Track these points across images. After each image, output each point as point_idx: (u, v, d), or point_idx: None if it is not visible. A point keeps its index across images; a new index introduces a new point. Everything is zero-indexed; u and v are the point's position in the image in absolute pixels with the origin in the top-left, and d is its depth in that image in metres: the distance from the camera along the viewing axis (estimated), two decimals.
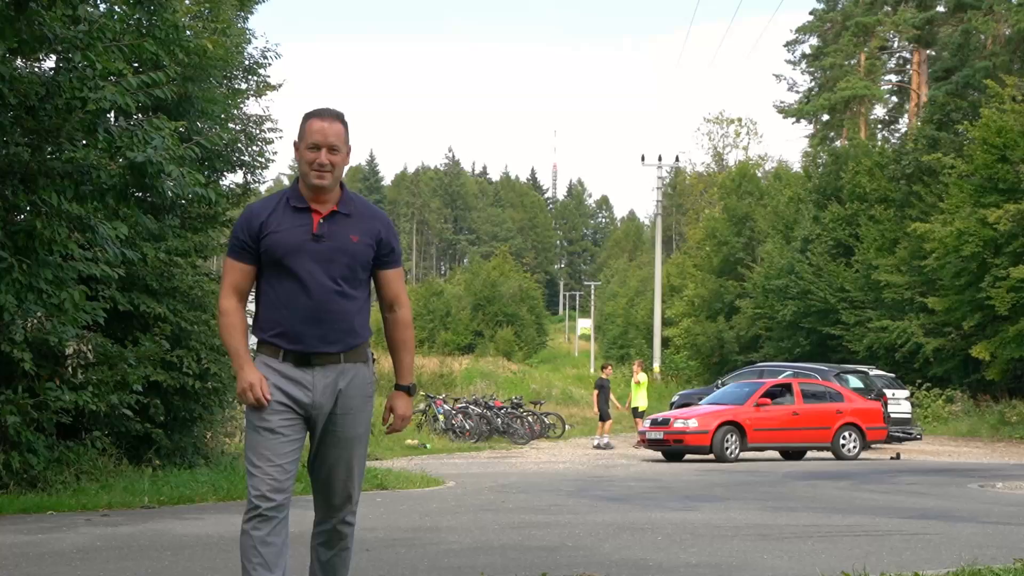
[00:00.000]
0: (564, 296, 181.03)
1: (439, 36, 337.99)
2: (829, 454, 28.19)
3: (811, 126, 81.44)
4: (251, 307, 5.94)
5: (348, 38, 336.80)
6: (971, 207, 40.75)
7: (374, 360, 5.96)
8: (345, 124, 5.75)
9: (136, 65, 14.71)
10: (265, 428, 5.58)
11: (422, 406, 36.50)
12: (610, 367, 36.94)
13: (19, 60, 13.21)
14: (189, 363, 17.92)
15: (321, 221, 5.62)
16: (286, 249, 5.57)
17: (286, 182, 53.04)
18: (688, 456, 27.46)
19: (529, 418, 37.70)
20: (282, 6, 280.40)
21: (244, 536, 5.58)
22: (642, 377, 35.88)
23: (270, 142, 22.57)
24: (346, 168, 5.79)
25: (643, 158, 66.57)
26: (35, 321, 14.29)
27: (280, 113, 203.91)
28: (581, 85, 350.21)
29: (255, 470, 5.56)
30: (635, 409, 35.50)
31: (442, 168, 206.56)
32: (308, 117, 5.73)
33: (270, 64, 22.96)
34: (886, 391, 34.00)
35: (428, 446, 31.59)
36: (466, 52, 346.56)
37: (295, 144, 5.75)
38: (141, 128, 12.90)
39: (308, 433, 5.77)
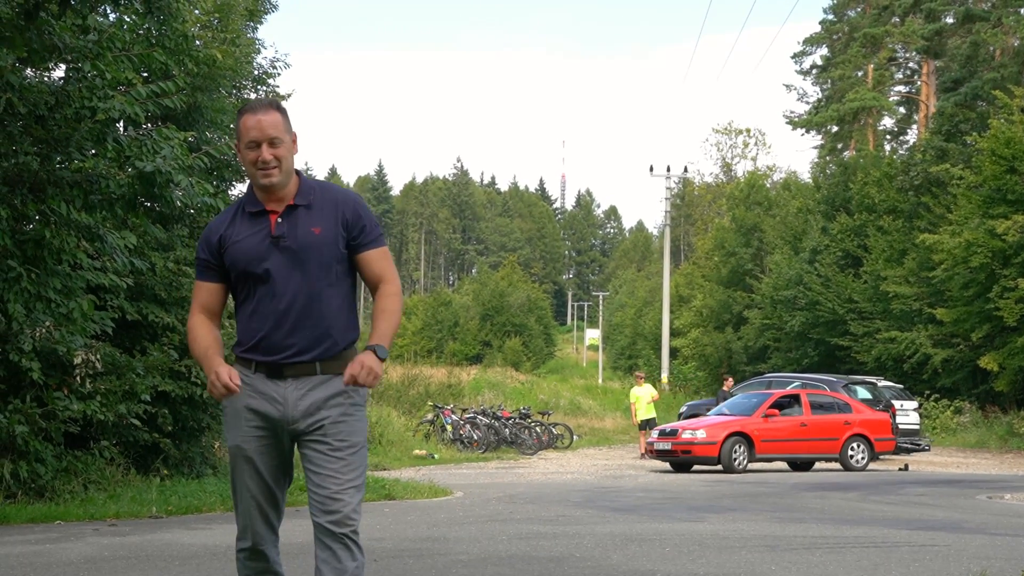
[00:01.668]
0: (572, 306, 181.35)
1: (448, 46, 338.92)
2: (837, 465, 28.16)
3: (820, 137, 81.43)
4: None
5: (357, 48, 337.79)
6: (979, 218, 40.73)
7: None
8: (282, 111, 5.29)
9: (145, 75, 14.75)
10: (243, 456, 5.27)
11: (430, 416, 36.49)
12: (731, 380, 35.07)
13: (29, 69, 13.24)
14: (197, 373, 17.92)
15: (278, 220, 5.22)
16: (248, 259, 5.20)
17: None
18: (696, 467, 27.42)
19: (537, 428, 37.68)
20: (291, 17, 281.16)
21: (239, 563, 5.45)
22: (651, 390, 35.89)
23: None
24: (295, 157, 5.33)
25: (651, 168, 66.74)
26: (43, 330, 14.31)
27: None
28: (590, 95, 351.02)
29: (239, 502, 5.34)
30: (645, 420, 35.24)
31: (451, 178, 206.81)
32: (241, 113, 5.27)
33: (279, 74, 23.04)
34: (894, 402, 33.98)
35: (436, 456, 31.56)
36: (474, 62, 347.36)
37: (236, 146, 5.31)
38: (150, 138, 12.93)
39: (294, 448, 5.38)
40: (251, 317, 5.24)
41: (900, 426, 31.99)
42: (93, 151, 13.31)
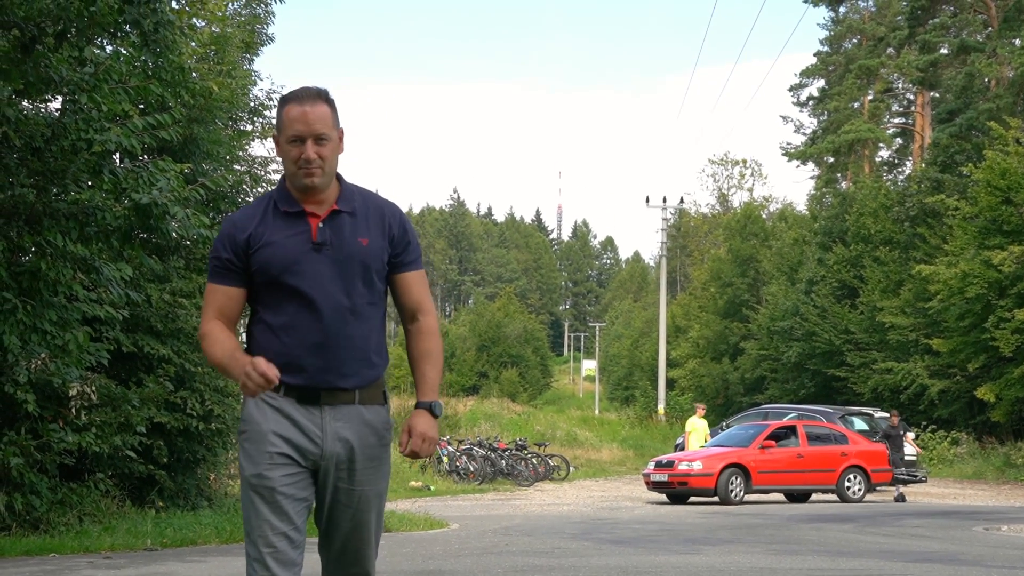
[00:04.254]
0: (569, 337, 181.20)
1: (444, 77, 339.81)
2: (834, 496, 28.11)
3: (816, 168, 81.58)
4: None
5: (352, 80, 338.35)
6: (975, 249, 40.74)
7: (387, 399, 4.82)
8: (331, 103, 4.61)
9: (142, 107, 14.78)
10: (265, 487, 4.48)
11: None
12: (897, 415, 32.18)
13: (25, 102, 13.26)
14: (193, 404, 17.92)
15: (320, 225, 4.55)
16: (283, 264, 4.50)
17: None
18: (693, 498, 27.38)
19: (533, 460, 37.62)
20: (287, 49, 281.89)
21: None
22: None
23: (275, 184, 22.62)
24: (340, 156, 4.69)
25: (648, 199, 66.84)
26: (39, 362, 14.29)
27: None
28: (586, 126, 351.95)
29: (258, 542, 4.48)
30: None
31: (447, 209, 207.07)
32: (284, 102, 4.60)
33: (275, 106, 23.08)
34: None
35: (432, 488, 31.51)
36: (471, 93, 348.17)
37: (275, 137, 4.65)
38: (146, 170, 12.94)
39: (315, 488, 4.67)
40: (282, 332, 4.53)
41: None
42: (89, 183, 13.33)
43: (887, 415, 37.81)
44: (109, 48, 14.17)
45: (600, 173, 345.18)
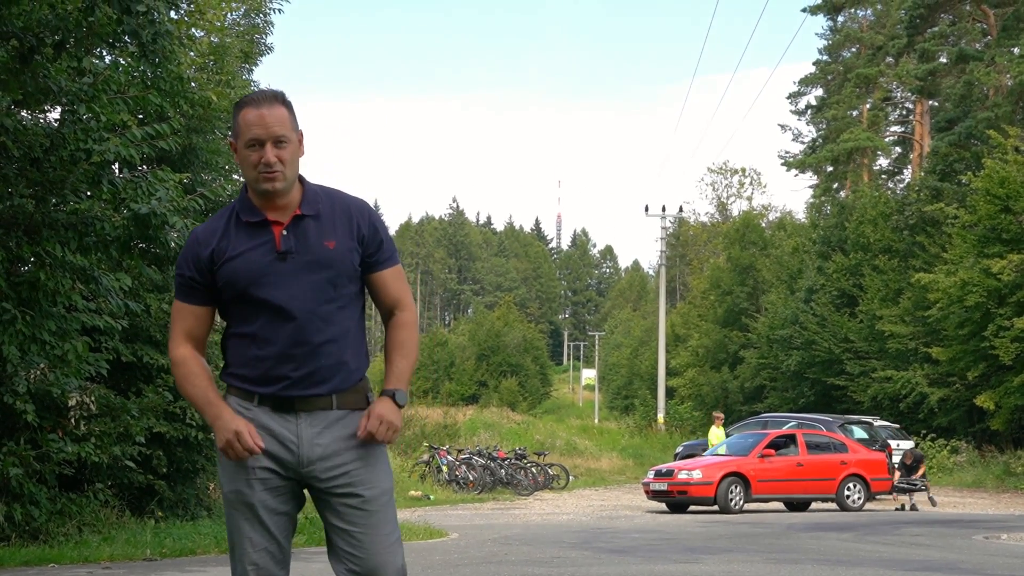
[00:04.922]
0: (568, 346, 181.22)
1: (442, 86, 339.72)
2: (834, 505, 28.11)
3: (815, 176, 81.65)
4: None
5: (350, 89, 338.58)
6: (974, 257, 40.76)
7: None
8: (288, 105, 4.51)
9: (141, 117, 14.79)
10: (244, 503, 4.46)
11: (426, 457, 36.45)
12: (911, 453, 31.06)
13: (24, 112, 13.27)
14: (192, 414, 17.91)
15: (284, 233, 4.44)
16: (249, 278, 4.40)
17: None
18: (692, 507, 27.37)
19: (533, 469, 37.62)
20: (286, 59, 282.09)
21: None
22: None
23: None
24: (301, 159, 4.57)
25: (647, 208, 66.86)
26: (38, 372, 14.29)
27: None
28: (585, 135, 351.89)
29: (242, 558, 4.49)
30: None
31: (446, 218, 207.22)
32: (240, 107, 4.49)
33: None
34: (890, 442, 33.94)
35: (431, 497, 31.49)
36: (470, 102, 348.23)
37: (232, 144, 4.55)
38: (145, 180, 12.94)
39: (306, 493, 4.59)
40: (253, 343, 4.45)
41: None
42: (88, 193, 13.33)
43: (887, 424, 37.93)
44: (108, 58, 14.18)
45: (599, 182, 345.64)
